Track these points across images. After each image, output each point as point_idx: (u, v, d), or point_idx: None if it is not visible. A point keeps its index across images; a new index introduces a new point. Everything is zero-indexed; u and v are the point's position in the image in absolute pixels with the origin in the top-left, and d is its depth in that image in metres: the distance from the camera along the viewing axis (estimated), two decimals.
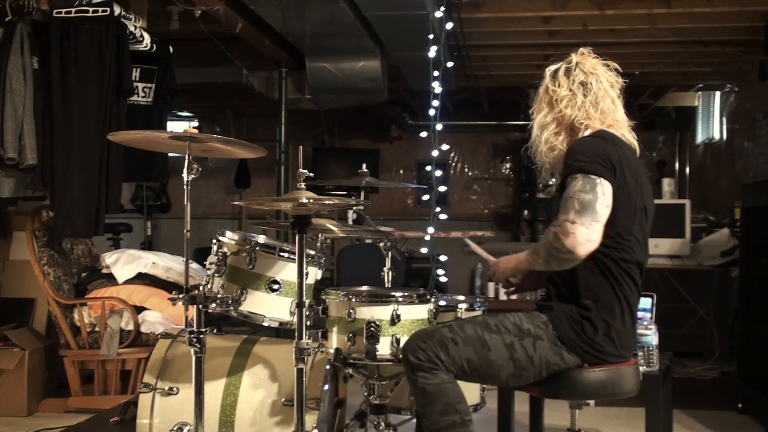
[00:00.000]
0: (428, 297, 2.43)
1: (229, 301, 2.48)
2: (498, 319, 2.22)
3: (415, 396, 2.20)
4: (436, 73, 4.79)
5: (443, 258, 5.59)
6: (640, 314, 3.05)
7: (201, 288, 2.46)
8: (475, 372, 2.20)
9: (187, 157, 2.39)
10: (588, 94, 2.32)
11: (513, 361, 2.18)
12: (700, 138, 7.55)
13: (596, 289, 2.20)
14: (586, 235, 2.09)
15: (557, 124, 2.35)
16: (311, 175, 2.45)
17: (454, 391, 2.17)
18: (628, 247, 2.19)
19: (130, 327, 4.01)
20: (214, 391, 2.65)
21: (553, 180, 7.93)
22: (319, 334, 2.47)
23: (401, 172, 9.52)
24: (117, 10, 3.91)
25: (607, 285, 2.20)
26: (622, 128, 2.35)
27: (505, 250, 2.49)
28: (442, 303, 2.66)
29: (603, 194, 2.13)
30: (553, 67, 2.42)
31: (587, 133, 2.31)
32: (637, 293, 2.27)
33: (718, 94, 7.19)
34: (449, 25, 4.82)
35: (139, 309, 4.09)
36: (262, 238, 2.53)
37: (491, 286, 5.47)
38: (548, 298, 2.33)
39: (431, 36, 4.61)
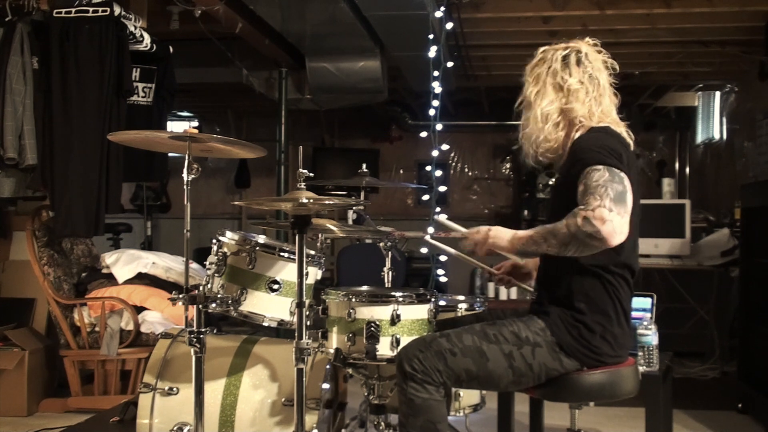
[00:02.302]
0: (428, 297, 2.42)
1: (229, 301, 2.48)
2: (496, 328, 2.19)
3: (400, 404, 2.17)
4: (436, 73, 4.79)
5: (443, 258, 5.59)
6: (640, 314, 3.05)
7: (201, 288, 2.45)
8: (474, 381, 2.19)
9: (187, 157, 2.39)
10: (595, 90, 2.24)
11: (512, 369, 2.16)
12: (700, 138, 7.55)
13: (590, 292, 2.17)
14: (621, 225, 1.98)
15: (562, 116, 2.26)
16: (311, 175, 2.45)
17: (440, 410, 2.15)
18: (620, 250, 2.11)
19: (130, 327, 4.01)
20: (214, 391, 2.65)
21: (552, 181, 7.94)
22: (319, 334, 2.46)
23: (401, 172, 9.51)
24: (117, 10, 3.91)
25: (600, 287, 2.17)
26: (620, 126, 2.28)
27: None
28: (442, 303, 2.66)
29: (630, 188, 2.05)
30: (560, 52, 2.29)
31: (580, 131, 2.23)
32: (630, 294, 2.24)
33: (718, 94, 7.18)
34: (449, 25, 4.82)
35: (139, 309, 4.09)
36: (262, 238, 2.53)
37: (491, 286, 5.47)
38: (540, 301, 2.30)
39: (431, 36, 4.61)
